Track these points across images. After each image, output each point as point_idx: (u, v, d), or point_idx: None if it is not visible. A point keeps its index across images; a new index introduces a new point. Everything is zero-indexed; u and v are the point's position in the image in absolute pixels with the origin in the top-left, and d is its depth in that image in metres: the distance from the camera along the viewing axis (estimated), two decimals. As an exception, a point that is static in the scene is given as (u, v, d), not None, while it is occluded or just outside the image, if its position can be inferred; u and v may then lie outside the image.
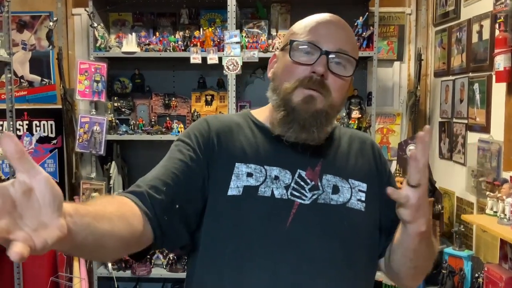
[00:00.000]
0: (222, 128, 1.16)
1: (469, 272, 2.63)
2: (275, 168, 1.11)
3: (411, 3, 3.61)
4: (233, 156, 1.12)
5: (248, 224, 1.06)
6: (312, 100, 1.09)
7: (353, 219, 1.12)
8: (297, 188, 1.10)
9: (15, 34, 3.56)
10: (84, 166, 3.64)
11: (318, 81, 1.09)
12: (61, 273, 3.46)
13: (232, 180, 1.09)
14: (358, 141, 1.25)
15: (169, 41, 3.23)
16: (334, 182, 1.13)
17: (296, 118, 1.09)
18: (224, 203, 1.08)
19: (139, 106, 3.51)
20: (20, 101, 3.59)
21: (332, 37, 1.12)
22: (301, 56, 1.11)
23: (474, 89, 2.80)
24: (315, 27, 1.13)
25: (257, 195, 1.08)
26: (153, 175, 1.08)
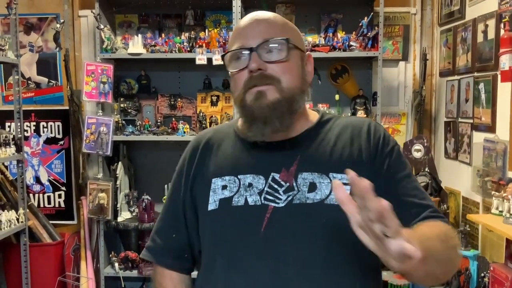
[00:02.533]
0: (203, 146, 1.23)
1: (475, 272, 2.63)
2: (248, 176, 1.13)
3: (416, 3, 3.61)
4: (210, 172, 1.18)
5: (226, 235, 1.11)
6: (262, 95, 1.09)
7: (333, 215, 1.04)
8: (271, 192, 1.10)
9: (22, 36, 3.59)
10: (91, 167, 3.66)
11: (258, 76, 1.10)
12: (68, 273, 3.49)
13: (210, 196, 1.15)
14: (351, 129, 1.18)
15: (174, 42, 3.25)
16: (311, 180, 1.10)
17: (255, 117, 1.10)
18: (206, 217, 1.15)
19: (145, 107, 3.53)
20: (27, 102, 3.63)
21: (253, 32, 1.12)
22: (235, 64, 1.14)
23: (480, 89, 2.80)
24: (238, 32, 1.16)
25: (231, 205, 1.11)
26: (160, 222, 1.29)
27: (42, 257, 3.40)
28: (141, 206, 3.33)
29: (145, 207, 3.30)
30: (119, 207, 3.41)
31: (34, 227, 3.40)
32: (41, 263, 3.38)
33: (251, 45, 1.11)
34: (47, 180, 3.75)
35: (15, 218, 3.08)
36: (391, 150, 1.16)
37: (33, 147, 3.74)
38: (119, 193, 3.41)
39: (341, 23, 3.44)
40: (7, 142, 3.07)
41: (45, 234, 3.48)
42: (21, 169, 3.20)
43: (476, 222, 2.74)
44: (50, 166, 3.75)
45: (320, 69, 3.47)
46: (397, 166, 1.14)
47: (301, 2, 3.39)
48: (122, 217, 3.41)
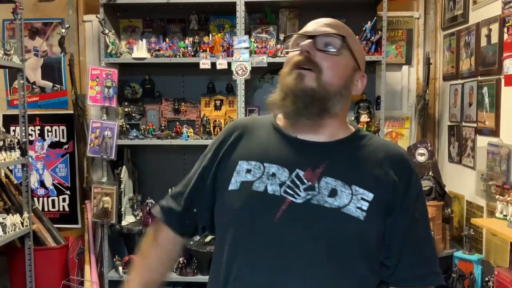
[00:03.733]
0: (238, 130, 1.27)
1: (479, 276, 2.62)
2: (274, 166, 1.16)
3: (419, 8, 3.62)
4: (239, 154, 1.22)
5: (241, 216, 1.15)
6: (301, 77, 1.14)
7: (347, 224, 1.09)
8: (292, 187, 1.13)
9: (27, 40, 3.62)
10: (95, 171, 3.68)
11: (304, 58, 1.15)
12: (72, 276, 3.50)
13: (233, 176, 1.18)
14: (385, 152, 1.19)
15: (178, 47, 3.27)
16: (333, 186, 1.12)
17: (289, 95, 1.14)
18: (225, 196, 1.18)
19: (149, 111, 3.54)
20: (32, 106, 3.65)
21: (318, 24, 1.20)
22: (293, 48, 1.20)
23: (483, 93, 2.80)
24: (306, 25, 1.23)
25: (251, 189, 1.15)
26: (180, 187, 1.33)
27: (47, 261, 3.40)
28: (145, 210, 3.34)
29: (149, 211, 3.31)
30: (123, 211, 3.42)
31: (39, 230, 3.41)
32: (46, 266, 3.38)
33: (310, 33, 1.18)
34: (51, 184, 3.77)
35: (20, 222, 3.09)
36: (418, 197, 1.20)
37: (37, 151, 3.76)
38: (123, 197, 3.42)
39: (345, 28, 3.45)
40: (12, 146, 3.09)
41: (50, 238, 3.49)
42: (26, 173, 3.22)
43: (480, 226, 2.73)
44: (55, 170, 3.76)
45: (324, 73, 3.48)
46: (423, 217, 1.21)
47: (304, 7, 3.40)
48: (126, 221, 3.42)
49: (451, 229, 2.97)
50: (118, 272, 3.35)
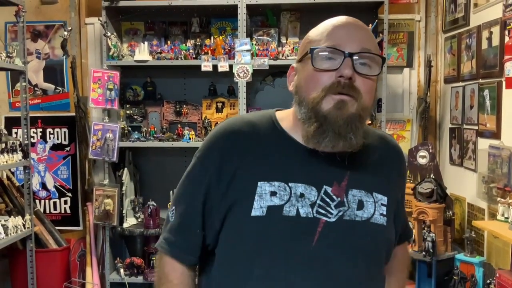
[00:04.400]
0: (241, 141, 1.12)
1: (480, 279, 2.62)
2: (300, 185, 1.07)
3: (420, 10, 3.63)
4: (256, 174, 1.08)
5: (274, 245, 1.04)
6: (344, 105, 1.03)
7: (376, 234, 1.11)
8: (323, 206, 1.07)
9: (29, 43, 3.63)
10: (97, 173, 3.68)
11: (347, 84, 1.04)
12: (74, 278, 3.50)
13: (255, 200, 1.06)
14: (388, 150, 1.22)
15: (180, 50, 3.28)
16: (359, 197, 1.10)
17: (330, 126, 1.04)
18: (248, 223, 1.06)
19: (151, 114, 3.55)
20: (34, 109, 3.66)
21: (352, 37, 1.07)
22: (324, 63, 1.06)
23: (484, 95, 2.80)
24: (333, 30, 1.08)
25: (282, 215, 1.05)
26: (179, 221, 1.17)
27: (48, 263, 3.41)
28: (146, 212, 3.34)
29: (151, 213, 3.31)
30: (124, 213, 3.42)
31: (40, 233, 3.42)
32: (47, 269, 3.39)
33: (348, 50, 1.05)
34: (53, 186, 3.77)
35: (22, 224, 3.09)
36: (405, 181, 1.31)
37: (39, 153, 3.76)
38: (125, 199, 3.43)
39: (346, 30, 3.45)
40: (14, 148, 3.10)
41: (51, 240, 3.49)
42: (28, 175, 3.22)
43: (482, 229, 2.73)
44: (56, 172, 3.77)
45: (325, 76, 3.48)
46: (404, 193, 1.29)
47: (306, 10, 3.41)
48: (127, 223, 3.42)
49: (452, 232, 2.97)
50: (119, 274, 3.35)
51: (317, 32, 1.12)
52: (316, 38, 1.10)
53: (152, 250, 3.38)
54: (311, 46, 1.09)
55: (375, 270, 1.13)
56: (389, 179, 1.18)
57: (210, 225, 1.12)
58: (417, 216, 2.85)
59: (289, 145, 1.12)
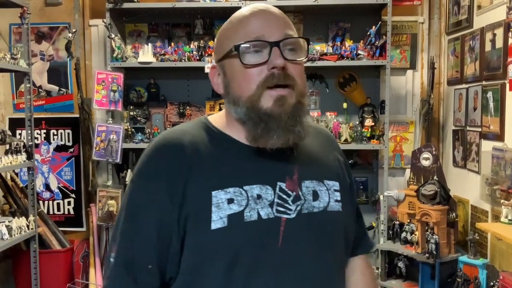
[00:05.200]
0: (184, 154, 1.03)
1: (484, 281, 2.62)
2: (255, 187, 1.02)
3: (423, 12, 3.63)
4: (207, 183, 1.01)
5: (243, 255, 0.98)
6: (284, 100, 1.00)
7: (335, 222, 1.09)
8: (281, 203, 1.03)
9: (33, 45, 3.65)
10: (100, 174, 3.69)
11: (281, 75, 1.00)
12: (77, 279, 3.51)
13: (213, 212, 0.98)
14: (323, 136, 1.22)
15: (184, 51, 3.29)
16: (312, 188, 1.08)
17: (276, 124, 1.00)
18: (209, 238, 0.98)
19: (154, 115, 3.56)
20: (38, 110, 3.67)
21: (272, 25, 1.03)
22: (252, 57, 1.01)
23: (488, 97, 2.80)
24: (250, 22, 1.04)
25: (244, 221, 0.99)
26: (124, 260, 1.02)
27: (52, 264, 3.42)
28: (149, 214, 3.34)
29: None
30: (128, 215, 3.42)
31: (44, 234, 3.43)
32: (51, 269, 3.40)
33: (272, 38, 1.01)
34: (56, 187, 3.78)
35: (25, 225, 3.10)
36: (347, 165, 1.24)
37: (43, 155, 3.78)
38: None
39: (349, 32, 3.47)
40: (18, 149, 3.11)
41: (55, 241, 3.50)
42: (32, 176, 3.24)
43: (485, 231, 2.73)
44: (60, 173, 3.78)
45: (328, 78, 3.49)
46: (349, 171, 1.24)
47: (309, 11, 3.41)
48: (131, 224, 3.42)
49: (455, 234, 2.96)
50: (122, 275, 3.35)
51: (233, 26, 1.07)
52: (234, 33, 1.05)
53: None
54: (232, 42, 1.03)
55: (341, 259, 1.13)
56: (335, 165, 1.17)
57: (171, 255, 1.01)
58: (421, 218, 2.85)
59: (231, 146, 1.07)
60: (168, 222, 0.99)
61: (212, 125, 1.10)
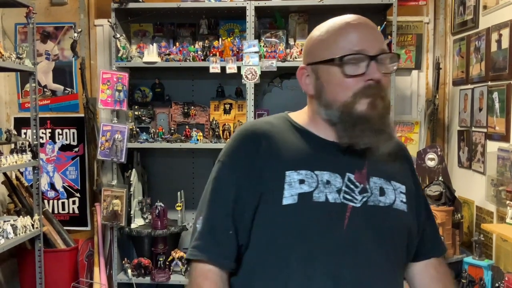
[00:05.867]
0: (264, 138, 1.16)
1: (489, 282, 2.61)
2: (325, 173, 1.12)
3: (429, 12, 3.62)
4: (282, 164, 1.12)
5: (308, 231, 1.08)
6: (376, 105, 1.11)
7: (399, 220, 1.16)
8: (348, 192, 1.11)
9: (39, 44, 3.66)
10: (105, 174, 3.70)
11: (377, 87, 1.11)
12: (81, 278, 3.52)
13: (285, 189, 1.09)
14: (393, 143, 1.26)
15: (189, 51, 3.29)
16: (380, 184, 1.16)
17: (368, 125, 1.11)
18: (280, 212, 1.09)
19: (159, 115, 3.56)
20: (43, 109, 3.68)
21: (371, 39, 1.13)
22: (352, 68, 1.11)
23: (494, 98, 2.79)
24: (351, 33, 1.14)
25: (313, 201, 1.09)
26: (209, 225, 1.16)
27: (56, 263, 3.43)
28: (154, 213, 3.35)
29: (158, 214, 3.32)
30: (132, 214, 3.44)
31: (49, 233, 3.44)
32: (55, 268, 3.41)
33: (370, 52, 1.11)
34: (61, 186, 3.80)
35: (30, 224, 3.11)
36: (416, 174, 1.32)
37: (48, 154, 3.79)
38: (133, 200, 3.45)
39: (354, 32, 3.45)
40: (23, 148, 3.12)
41: (59, 240, 3.51)
42: (37, 175, 3.25)
43: (491, 232, 2.72)
44: (65, 172, 3.79)
45: (333, 78, 3.48)
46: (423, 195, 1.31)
47: (314, 11, 3.41)
48: (135, 223, 3.44)
49: (461, 235, 2.96)
50: (127, 274, 3.36)
51: (331, 35, 1.16)
52: (334, 42, 1.14)
53: (159, 250, 3.39)
54: (331, 51, 1.13)
55: (400, 257, 1.17)
56: (402, 171, 1.25)
57: (242, 225, 1.13)
58: (425, 218, 2.84)
59: (308, 137, 1.17)
60: (244, 197, 1.12)
61: (291, 119, 1.23)
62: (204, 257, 1.13)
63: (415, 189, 1.25)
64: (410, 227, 1.19)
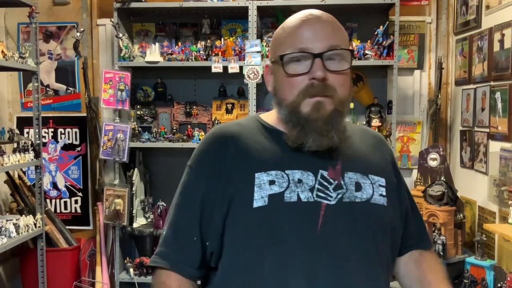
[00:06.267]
0: (232, 140, 1.14)
1: (491, 282, 2.60)
2: (296, 171, 1.09)
3: (431, 12, 3.61)
4: (251, 166, 1.10)
5: (280, 232, 1.05)
6: (321, 106, 1.08)
7: (378, 214, 1.12)
8: (322, 189, 1.08)
9: (41, 44, 3.66)
10: (107, 173, 3.71)
11: (320, 85, 1.07)
12: (84, 278, 3.52)
13: (255, 192, 1.07)
14: (371, 136, 1.27)
15: (191, 51, 3.29)
16: (355, 179, 1.12)
17: (311, 128, 1.08)
18: (251, 215, 1.06)
19: (161, 114, 3.57)
20: (45, 109, 3.69)
21: (319, 35, 1.09)
22: (295, 66, 1.09)
23: (496, 98, 2.79)
24: (299, 31, 1.11)
25: (284, 201, 1.06)
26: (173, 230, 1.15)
27: (58, 262, 3.43)
28: (156, 213, 3.36)
29: (160, 214, 3.33)
30: (134, 213, 3.44)
31: (51, 232, 3.45)
32: (57, 267, 3.41)
33: (317, 51, 1.07)
34: (64, 185, 3.80)
35: (33, 223, 3.12)
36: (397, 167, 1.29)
37: (50, 153, 3.80)
38: (135, 199, 3.45)
39: (356, 32, 3.46)
40: (26, 148, 3.13)
41: (62, 239, 3.52)
42: (39, 174, 3.25)
43: (493, 232, 2.71)
44: (67, 172, 3.80)
45: (335, 78, 3.48)
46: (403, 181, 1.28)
47: (316, 11, 3.40)
48: (137, 223, 3.44)
49: (463, 235, 2.95)
50: (129, 273, 3.37)
51: (284, 33, 1.15)
52: (284, 39, 1.13)
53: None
54: (280, 49, 1.12)
55: (384, 252, 1.13)
56: (382, 163, 1.21)
57: (212, 230, 1.10)
58: (428, 218, 2.84)
59: (277, 137, 1.15)
60: (212, 200, 1.10)
61: (261, 119, 1.21)
62: (166, 264, 1.12)
63: (396, 181, 1.22)
64: (391, 221, 1.15)
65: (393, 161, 1.27)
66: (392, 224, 1.16)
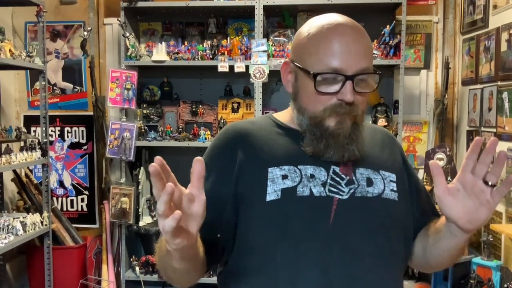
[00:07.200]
0: (246, 136, 1.16)
1: (497, 283, 2.59)
2: (309, 167, 1.11)
3: (438, 12, 3.60)
4: (264, 161, 1.12)
5: (293, 226, 1.06)
6: (344, 122, 1.10)
7: (390, 209, 1.13)
8: (334, 184, 1.10)
9: (48, 43, 3.68)
10: (114, 172, 3.72)
11: (348, 107, 1.09)
12: (90, 276, 3.54)
13: (268, 186, 1.09)
14: (380, 133, 1.29)
15: (197, 50, 3.30)
16: (367, 175, 1.14)
17: (333, 141, 1.10)
18: (264, 209, 1.08)
19: (167, 113, 3.58)
20: (52, 107, 3.71)
21: (352, 56, 1.08)
22: (326, 85, 1.09)
23: (503, 98, 2.78)
24: (330, 45, 1.09)
25: (296, 195, 1.08)
26: None
27: (65, 260, 3.45)
28: (162, 211, 3.36)
29: (166, 212, 3.33)
30: (140, 212, 3.45)
31: (58, 230, 3.47)
32: (64, 265, 3.43)
33: (348, 72, 1.07)
34: (70, 184, 3.82)
35: (39, 221, 3.14)
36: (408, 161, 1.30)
37: (57, 152, 3.81)
38: (141, 198, 3.46)
39: (363, 31, 3.45)
40: (33, 146, 3.15)
41: (68, 237, 3.54)
42: (46, 173, 3.27)
43: (499, 232, 2.70)
44: (74, 170, 3.82)
45: (341, 77, 3.48)
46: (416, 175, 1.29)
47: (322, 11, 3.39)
48: (143, 221, 3.45)
49: (469, 235, 2.94)
50: (135, 272, 3.38)
51: (315, 41, 1.11)
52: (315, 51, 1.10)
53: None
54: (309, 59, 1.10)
55: (398, 248, 1.14)
56: (392, 159, 1.23)
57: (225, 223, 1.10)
58: (433, 218, 2.83)
59: (290, 134, 1.17)
60: (224, 194, 1.10)
61: (274, 117, 1.24)
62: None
63: (407, 176, 1.24)
64: (402, 216, 1.16)
65: (403, 157, 1.29)
66: (403, 219, 1.17)
